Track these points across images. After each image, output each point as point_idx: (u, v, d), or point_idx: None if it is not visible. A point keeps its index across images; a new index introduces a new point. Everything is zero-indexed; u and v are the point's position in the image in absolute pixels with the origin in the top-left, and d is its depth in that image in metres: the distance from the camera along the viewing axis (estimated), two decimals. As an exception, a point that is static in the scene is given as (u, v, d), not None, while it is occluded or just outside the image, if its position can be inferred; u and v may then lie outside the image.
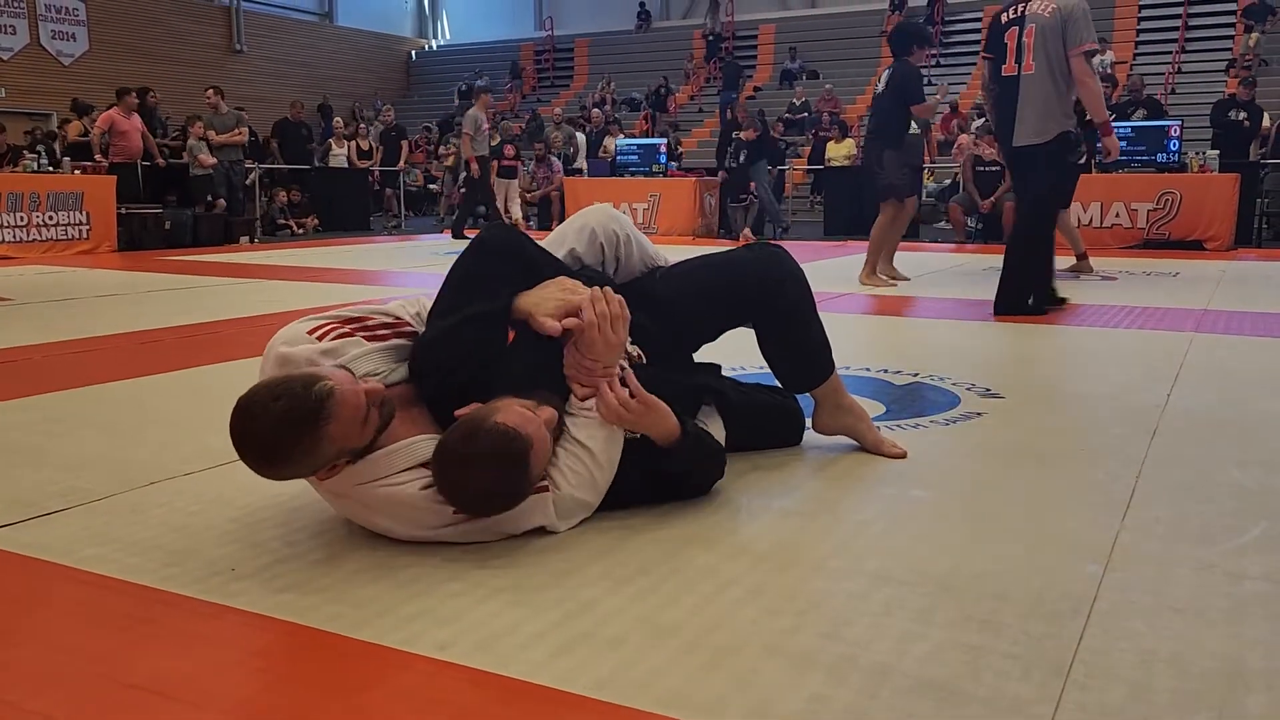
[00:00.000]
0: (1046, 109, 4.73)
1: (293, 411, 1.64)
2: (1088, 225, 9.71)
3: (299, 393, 1.65)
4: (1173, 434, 2.67)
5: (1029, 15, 4.77)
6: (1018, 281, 4.98)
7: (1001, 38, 4.86)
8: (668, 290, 2.23)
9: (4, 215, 9.08)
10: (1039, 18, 4.73)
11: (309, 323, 1.94)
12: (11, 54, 18.05)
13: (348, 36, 24.79)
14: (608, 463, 1.93)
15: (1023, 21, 4.79)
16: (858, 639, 1.48)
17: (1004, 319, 4.83)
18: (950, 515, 2.05)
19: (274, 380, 1.71)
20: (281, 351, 1.88)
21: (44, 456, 2.51)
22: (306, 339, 1.89)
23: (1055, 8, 4.70)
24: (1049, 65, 4.69)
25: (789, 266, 2.31)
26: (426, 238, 12.54)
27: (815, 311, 2.37)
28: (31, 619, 1.59)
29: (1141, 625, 1.53)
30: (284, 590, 1.67)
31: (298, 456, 1.68)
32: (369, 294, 6.09)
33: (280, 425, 1.64)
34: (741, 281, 2.27)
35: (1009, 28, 4.85)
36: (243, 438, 1.67)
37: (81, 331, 4.62)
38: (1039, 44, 4.71)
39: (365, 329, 1.95)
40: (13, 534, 1.95)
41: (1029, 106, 4.75)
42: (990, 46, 4.99)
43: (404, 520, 1.83)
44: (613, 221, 2.29)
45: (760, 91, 20.95)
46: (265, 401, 1.65)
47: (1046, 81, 4.71)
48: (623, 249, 2.28)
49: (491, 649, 1.46)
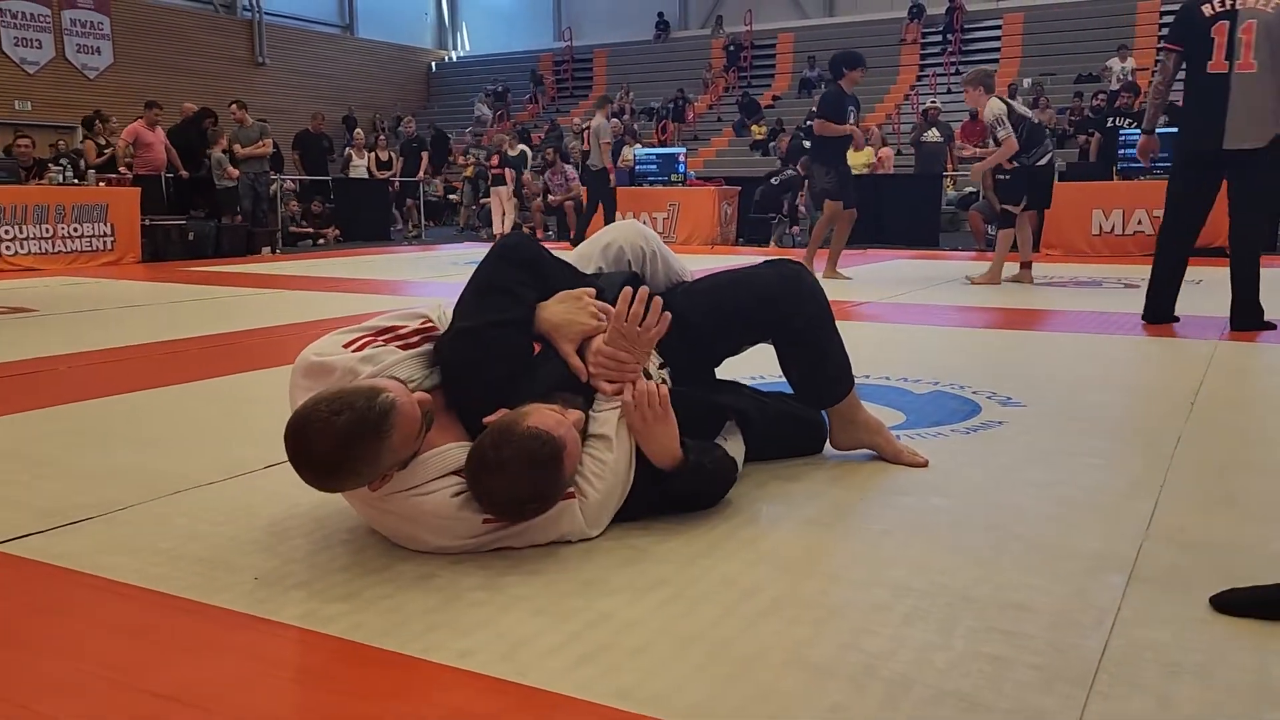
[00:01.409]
0: (1265, 110, 4.44)
1: (357, 425, 1.65)
2: (1109, 233, 9.67)
3: (361, 406, 1.66)
4: (1196, 443, 2.65)
5: (1244, 10, 4.40)
6: (1253, 293, 4.64)
7: (1207, 31, 4.46)
8: (689, 307, 2.24)
9: (30, 227, 9.19)
10: (1260, 13, 4.39)
11: (343, 336, 1.95)
12: (38, 68, 18.29)
13: (368, 48, 24.98)
14: (626, 457, 1.93)
15: (1235, 16, 4.41)
16: (879, 650, 1.48)
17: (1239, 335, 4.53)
18: (971, 525, 2.04)
19: (329, 395, 1.70)
20: (314, 360, 1.89)
21: (69, 466, 2.54)
22: (341, 351, 1.90)
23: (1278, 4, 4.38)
24: (1273, 64, 4.38)
25: (809, 285, 2.32)
26: (446, 248, 12.60)
27: (835, 330, 2.37)
28: (58, 628, 1.61)
29: (1166, 636, 1.52)
30: (307, 600, 1.68)
31: (361, 469, 1.70)
32: (391, 304, 6.11)
33: (345, 439, 1.65)
34: (762, 300, 2.27)
35: (1216, 21, 4.44)
36: (305, 453, 1.68)
37: (106, 342, 4.67)
38: (1261, 40, 4.37)
39: (399, 337, 1.96)
40: (39, 543, 1.97)
41: (1245, 107, 4.42)
42: (1181, 38, 4.60)
43: (433, 530, 1.84)
44: (640, 238, 2.30)
45: (779, 100, 20.96)
46: (326, 417, 1.65)
47: (1268, 80, 4.41)
48: (648, 265, 2.30)
49: (513, 658, 1.46)
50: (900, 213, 11.57)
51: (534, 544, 1.88)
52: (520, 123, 22.53)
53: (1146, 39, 18.46)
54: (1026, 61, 19.16)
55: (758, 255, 10.40)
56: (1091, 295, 6.37)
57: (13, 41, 17.95)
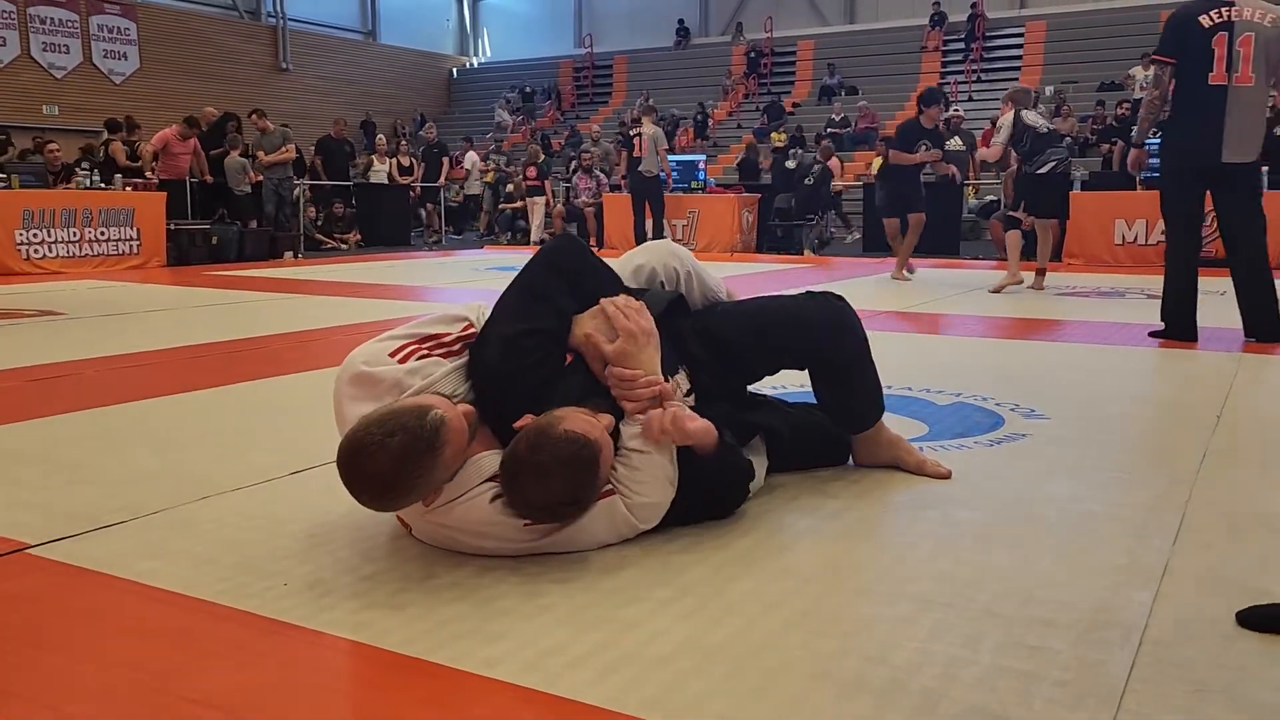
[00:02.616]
0: (1258, 124, 4.51)
1: (412, 445, 1.67)
2: (1131, 243, 9.61)
3: (412, 425, 1.69)
4: (1222, 456, 2.64)
5: (1240, 22, 4.39)
6: (1273, 299, 4.60)
7: (1207, 43, 4.41)
8: (727, 329, 2.25)
9: (57, 230, 9.29)
10: (1257, 26, 4.39)
11: (389, 343, 1.97)
12: (65, 73, 18.51)
13: (390, 54, 25.13)
14: (669, 460, 1.94)
15: (1233, 28, 4.39)
16: (906, 664, 1.48)
17: (1262, 346, 4.51)
18: (996, 538, 2.03)
19: (379, 417, 1.72)
20: (362, 370, 1.90)
21: (97, 471, 2.57)
22: (388, 360, 1.92)
23: (1274, 18, 4.40)
24: (1266, 78, 4.42)
25: (849, 322, 2.33)
26: (466, 253, 12.65)
27: (871, 363, 2.38)
28: (91, 632, 1.63)
29: (1194, 654, 1.51)
30: (334, 607, 1.70)
31: (417, 486, 1.73)
32: (416, 310, 6.15)
33: (401, 460, 1.67)
34: (802, 334, 2.28)
35: (1216, 32, 4.41)
36: (361, 476, 1.70)
37: (132, 346, 4.71)
38: (1258, 54, 4.38)
39: (441, 345, 1.98)
40: (70, 547, 2.00)
41: (1241, 120, 4.43)
42: (1176, 49, 4.54)
43: (478, 535, 1.86)
44: (673, 259, 2.31)
45: (799, 107, 20.95)
46: (380, 439, 1.68)
47: (1262, 94, 4.45)
48: (683, 286, 2.31)
49: (539, 667, 1.47)
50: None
51: (578, 549, 1.89)
52: (540, 128, 22.61)
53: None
54: (1048, 69, 19.08)
55: (781, 264, 10.39)
56: (1114, 306, 6.33)
57: (41, 47, 18.17)
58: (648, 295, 2.19)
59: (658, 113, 12.71)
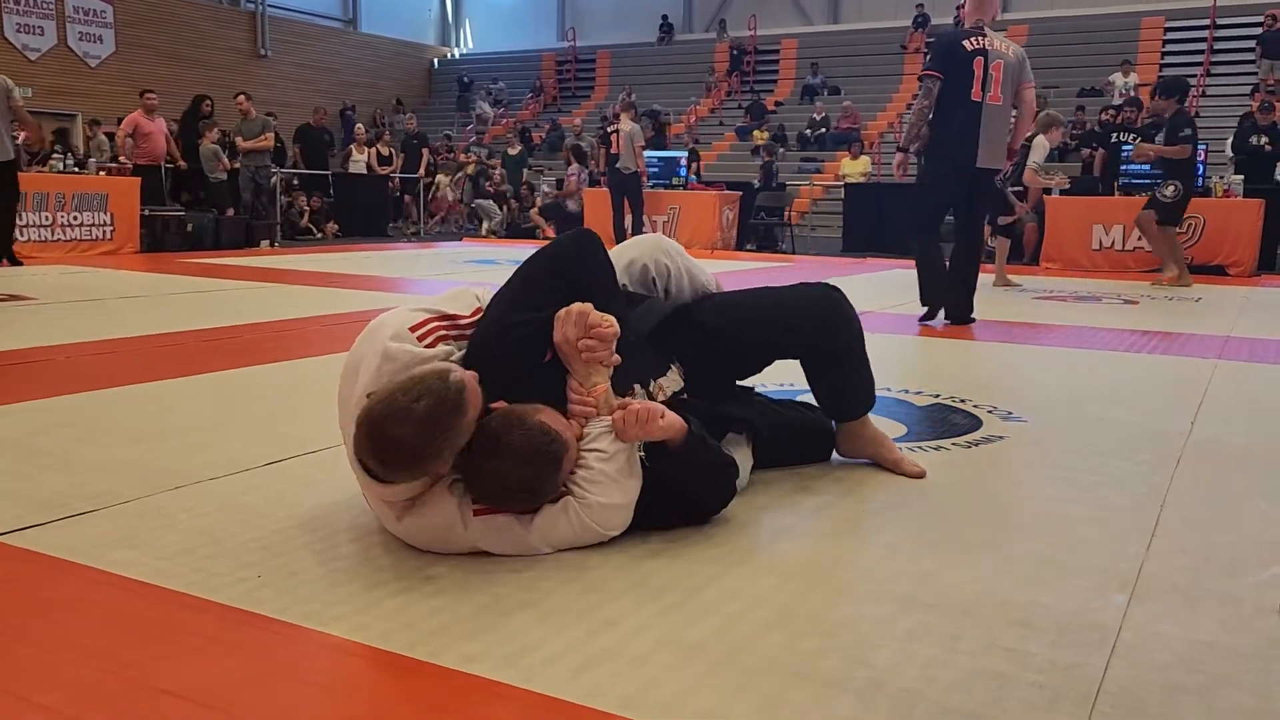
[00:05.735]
0: (1003, 138, 5.26)
1: (438, 407, 1.69)
2: (1109, 248, 9.69)
3: (438, 389, 1.70)
4: (1197, 462, 2.66)
5: (993, 51, 5.10)
6: (969, 291, 5.42)
7: (969, 65, 5.08)
8: (719, 320, 2.23)
9: (30, 215, 9.16)
10: (1005, 56, 5.14)
11: (413, 316, 1.97)
12: (39, 55, 18.26)
13: (371, 43, 24.97)
14: (627, 463, 1.91)
15: (987, 55, 5.08)
16: (885, 664, 1.48)
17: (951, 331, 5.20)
18: (974, 540, 2.04)
19: (402, 385, 1.74)
20: (390, 346, 1.89)
21: (69, 459, 2.53)
22: (409, 336, 1.92)
23: (1013, 50, 5.24)
24: (1009, 100, 5.20)
25: (845, 312, 2.32)
26: (446, 245, 12.59)
27: (864, 356, 2.39)
28: (63, 622, 1.60)
29: (1168, 658, 1.52)
30: (308, 600, 1.68)
31: (444, 449, 1.73)
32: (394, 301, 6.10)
33: (430, 421, 1.69)
34: (798, 325, 2.28)
35: (975, 56, 5.09)
36: (389, 443, 1.70)
37: (105, 333, 4.65)
38: (1006, 79, 5.12)
39: (456, 327, 1.98)
40: (41, 535, 1.97)
41: (993, 133, 5.16)
42: (944, 67, 5.16)
43: (430, 528, 1.85)
44: (663, 254, 2.30)
45: (781, 106, 20.98)
46: (406, 405, 1.69)
47: (1008, 113, 5.25)
48: (674, 282, 2.30)
49: (517, 663, 1.46)
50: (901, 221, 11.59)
51: (536, 551, 1.86)
52: (521, 121, 22.53)
53: (1150, 54, 18.53)
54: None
55: (763, 262, 10.40)
56: (1091, 310, 6.38)
57: (15, 27, 17.91)
58: (643, 307, 2.17)
59: (636, 109, 12.68)
